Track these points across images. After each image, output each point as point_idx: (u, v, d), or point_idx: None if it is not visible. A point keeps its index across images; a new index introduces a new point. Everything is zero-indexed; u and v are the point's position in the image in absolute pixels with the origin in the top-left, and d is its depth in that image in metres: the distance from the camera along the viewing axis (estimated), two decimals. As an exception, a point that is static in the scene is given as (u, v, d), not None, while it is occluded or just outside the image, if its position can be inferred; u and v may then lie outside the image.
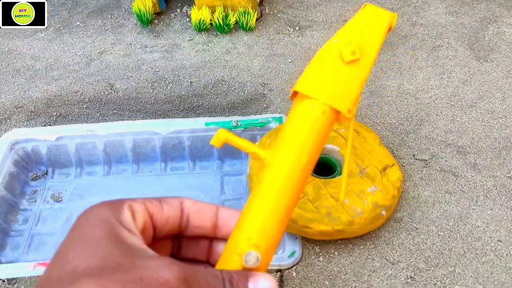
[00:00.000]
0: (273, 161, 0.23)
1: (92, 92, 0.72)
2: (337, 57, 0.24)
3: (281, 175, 0.23)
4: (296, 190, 0.23)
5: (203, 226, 0.24)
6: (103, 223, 0.20)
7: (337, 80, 0.23)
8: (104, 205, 0.21)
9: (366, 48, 0.24)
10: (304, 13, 0.87)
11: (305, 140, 0.23)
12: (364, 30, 0.24)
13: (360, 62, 0.24)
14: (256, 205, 0.23)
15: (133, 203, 0.22)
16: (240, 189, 0.59)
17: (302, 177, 0.23)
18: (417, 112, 0.67)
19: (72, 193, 0.60)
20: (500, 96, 0.69)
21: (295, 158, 0.23)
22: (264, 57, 0.77)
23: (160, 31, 0.84)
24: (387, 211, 0.51)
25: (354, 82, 0.24)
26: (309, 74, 0.24)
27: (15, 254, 0.54)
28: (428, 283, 0.49)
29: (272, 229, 0.22)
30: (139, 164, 0.63)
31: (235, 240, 0.22)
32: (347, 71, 0.23)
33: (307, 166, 0.23)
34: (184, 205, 0.24)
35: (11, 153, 0.59)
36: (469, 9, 0.87)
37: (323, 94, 0.23)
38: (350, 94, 0.24)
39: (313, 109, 0.23)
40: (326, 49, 0.24)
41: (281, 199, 0.23)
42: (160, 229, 0.23)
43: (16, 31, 0.85)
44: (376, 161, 0.53)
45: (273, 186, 0.23)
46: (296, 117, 0.24)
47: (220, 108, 0.70)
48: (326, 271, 0.50)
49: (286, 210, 0.23)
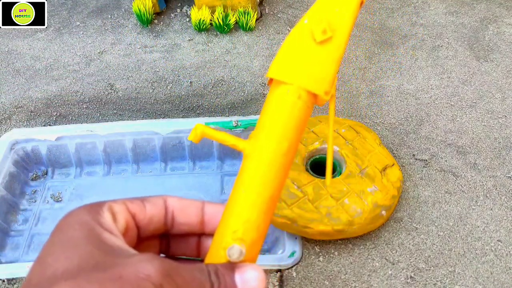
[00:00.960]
0: (252, 151, 0.23)
1: (92, 92, 0.72)
2: (308, 38, 0.23)
3: (262, 165, 0.22)
4: (279, 179, 0.22)
5: (190, 223, 0.24)
6: (82, 226, 0.20)
7: (310, 62, 0.23)
8: (84, 208, 0.21)
9: (338, 26, 0.23)
10: (304, 13, 0.87)
11: (284, 126, 0.22)
12: (334, 7, 0.23)
13: (333, 41, 0.23)
14: (239, 197, 0.23)
15: (114, 204, 0.22)
16: (240, 189, 0.59)
17: (284, 164, 0.22)
18: (417, 112, 0.67)
19: (72, 193, 0.60)
20: (500, 96, 0.69)
21: (275, 146, 0.22)
22: (264, 57, 0.77)
23: (160, 31, 0.84)
24: (387, 211, 0.51)
25: (329, 62, 0.23)
26: (281, 58, 0.23)
27: (15, 254, 0.54)
28: (428, 283, 0.49)
29: (257, 221, 0.22)
30: (139, 164, 0.63)
31: (220, 234, 0.22)
32: (320, 51, 0.23)
33: (288, 153, 0.23)
34: (168, 203, 0.23)
35: (11, 153, 0.59)
36: (469, 9, 0.87)
37: (297, 78, 0.22)
38: (325, 75, 0.23)
39: (288, 94, 0.22)
40: (297, 30, 0.23)
41: (264, 189, 0.22)
42: (144, 228, 0.23)
43: (16, 31, 0.85)
44: (376, 161, 0.53)
45: (254, 177, 0.22)
46: (273, 104, 0.23)
47: (220, 108, 0.70)
48: (326, 271, 0.50)
49: (270, 200, 0.22)
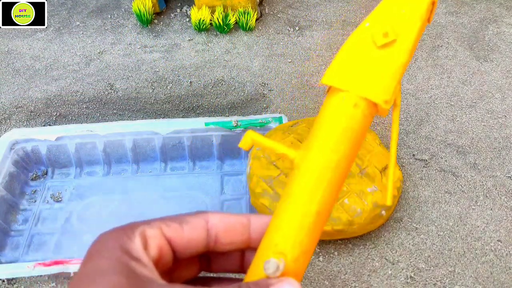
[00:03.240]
0: (302, 162, 0.21)
1: (92, 92, 0.72)
2: (369, 42, 0.21)
3: (310, 177, 0.21)
4: (328, 194, 0.21)
5: (235, 242, 0.22)
6: (110, 253, 0.19)
7: (369, 67, 0.21)
8: (114, 233, 0.20)
9: (403, 28, 0.21)
10: (304, 13, 0.87)
11: (337, 137, 0.20)
12: (400, 8, 0.21)
13: (396, 45, 0.21)
14: (284, 209, 0.21)
15: (147, 228, 0.20)
16: (240, 189, 0.59)
17: (335, 178, 0.21)
18: (417, 112, 0.67)
19: (72, 193, 0.60)
20: (500, 96, 0.69)
21: (326, 158, 0.20)
22: (264, 57, 0.77)
23: (160, 31, 0.84)
24: (387, 211, 0.51)
25: (390, 68, 0.21)
26: (338, 63, 0.21)
27: (15, 254, 0.54)
28: (428, 283, 0.49)
29: (300, 236, 0.20)
30: (139, 164, 0.63)
31: (263, 248, 0.21)
32: (381, 56, 0.21)
33: (341, 166, 0.21)
34: (210, 224, 0.21)
35: (11, 153, 0.59)
36: (469, 9, 0.87)
37: (353, 85, 0.21)
38: (386, 83, 0.21)
39: (343, 102, 0.21)
40: (357, 34, 0.21)
41: (310, 204, 0.20)
42: (181, 252, 0.21)
43: (16, 31, 0.85)
44: (376, 161, 0.53)
45: (301, 189, 0.21)
46: (327, 112, 0.21)
47: (220, 108, 0.70)
48: (326, 271, 0.50)
49: (316, 215, 0.20)
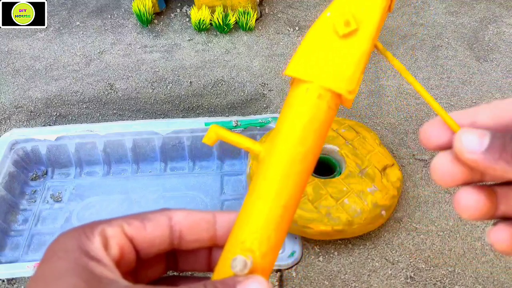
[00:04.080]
0: (267, 156, 0.21)
1: (92, 92, 0.72)
2: (330, 32, 0.20)
3: (276, 171, 0.20)
4: (296, 187, 0.20)
5: (200, 239, 0.21)
6: (68, 254, 0.18)
7: (332, 58, 0.20)
8: (72, 233, 0.19)
9: (365, 17, 0.20)
10: (304, 13, 0.87)
11: (301, 129, 0.20)
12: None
13: (358, 34, 0.20)
14: (250, 205, 0.20)
15: (107, 227, 0.20)
16: (240, 189, 0.59)
17: (301, 171, 0.20)
18: (417, 112, 0.67)
19: (71, 193, 0.60)
20: (500, 96, 0.69)
21: (292, 150, 0.20)
22: (264, 57, 0.77)
23: (160, 31, 0.84)
24: (386, 211, 0.51)
25: (353, 58, 0.20)
26: (300, 54, 0.21)
27: (15, 254, 0.54)
28: (428, 283, 0.48)
29: (268, 231, 0.20)
30: (139, 164, 0.63)
31: (230, 244, 0.20)
32: (343, 46, 0.20)
33: (307, 159, 0.20)
34: (174, 220, 0.21)
35: (11, 153, 0.59)
36: (469, 9, 0.87)
37: (316, 75, 0.20)
38: (350, 73, 0.20)
39: (307, 93, 0.20)
40: (318, 24, 0.21)
41: (276, 197, 0.20)
42: (145, 251, 0.21)
43: (16, 31, 0.85)
44: (376, 161, 0.53)
45: (267, 183, 0.20)
46: (291, 105, 0.21)
47: (220, 108, 0.70)
48: (326, 271, 0.50)
49: (284, 209, 0.20)
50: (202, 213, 0.22)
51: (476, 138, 0.19)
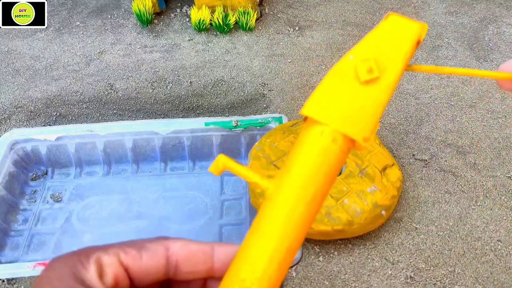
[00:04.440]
0: (275, 194, 0.20)
1: (92, 92, 0.72)
2: (351, 76, 0.21)
3: (282, 211, 0.20)
4: (300, 229, 0.20)
5: (196, 271, 0.21)
6: (62, 283, 0.18)
7: (351, 103, 0.20)
8: (67, 259, 0.19)
9: (387, 66, 0.20)
10: (304, 13, 0.87)
11: (312, 171, 0.20)
12: (385, 44, 0.21)
13: (380, 82, 0.20)
14: (253, 242, 0.20)
15: (103, 255, 0.19)
16: (239, 189, 0.59)
17: (308, 213, 0.20)
18: (417, 112, 0.67)
19: (71, 193, 0.60)
20: (499, 96, 0.69)
21: (300, 191, 0.20)
22: (264, 57, 0.77)
23: (160, 31, 0.84)
24: (386, 211, 0.51)
25: (372, 105, 0.20)
26: (319, 95, 0.21)
27: (15, 254, 0.54)
28: (428, 283, 0.48)
29: (269, 272, 0.19)
30: (139, 164, 0.63)
31: (228, 280, 0.20)
32: (363, 92, 0.20)
33: (314, 201, 0.20)
34: (171, 251, 0.21)
35: (11, 153, 0.59)
36: (469, 9, 0.87)
37: (334, 119, 0.20)
38: (366, 120, 0.20)
39: (322, 136, 0.20)
40: (340, 66, 0.21)
41: (282, 239, 0.20)
42: (140, 280, 0.20)
43: (16, 31, 0.85)
44: (376, 161, 0.53)
45: (272, 223, 0.20)
46: (303, 145, 0.20)
47: (220, 108, 0.70)
48: (326, 271, 0.50)
49: (287, 251, 0.20)
50: (200, 244, 0.21)
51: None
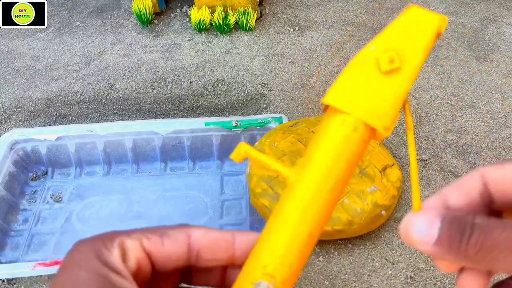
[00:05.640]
0: (296, 182, 0.21)
1: (92, 92, 0.72)
2: (373, 66, 0.21)
3: (304, 198, 0.20)
4: (322, 216, 0.20)
5: (217, 258, 0.21)
6: (88, 264, 0.18)
7: (372, 92, 0.21)
8: (92, 242, 0.19)
9: (408, 56, 0.21)
10: (304, 13, 0.87)
11: (334, 159, 0.20)
12: (406, 35, 0.21)
13: (401, 72, 0.21)
14: (274, 229, 0.21)
15: (126, 239, 0.20)
16: (240, 189, 0.59)
17: (329, 201, 0.21)
18: (417, 112, 0.67)
19: (72, 193, 0.60)
20: (500, 96, 0.69)
21: (322, 179, 0.20)
22: (264, 57, 0.77)
23: (160, 31, 0.84)
24: (387, 211, 0.50)
25: (393, 95, 0.21)
26: (341, 84, 0.21)
27: (15, 254, 0.54)
28: (428, 283, 0.48)
29: (291, 257, 0.20)
30: (139, 164, 0.63)
31: (250, 267, 0.20)
32: (384, 82, 0.21)
33: (335, 189, 0.21)
34: (192, 238, 0.21)
35: (11, 153, 0.59)
36: (469, 9, 0.87)
37: (355, 108, 0.21)
38: (387, 109, 0.21)
39: (343, 124, 0.21)
40: (361, 56, 0.21)
41: (303, 224, 0.20)
42: (161, 266, 0.21)
43: (16, 31, 0.85)
44: (376, 161, 0.53)
45: (294, 210, 0.20)
46: (325, 133, 0.21)
47: (220, 108, 0.70)
48: (326, 271, 0.50)
49: (308, 237, 0.20)
50: (221, 232, 0.22)
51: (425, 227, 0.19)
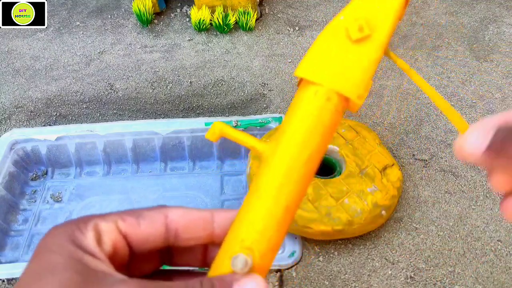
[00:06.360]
0: (271, 156, 0.20)
1: (92, 92, 0.72)
2: (343, 36, 0.21)
3: (279, 172, 0.20)
4: (298, 188, 0.20)
5: (196, 237, 0.21)
6: (62, 248, 0.18)
7: (344, 62, 0.20)
8: (66, 227, 0.19)
9: (378, 23, 0.21)
10: (304, 13, 0.87)
11: (308, 131, 0.20)
12: (375, 3, 0.21)
13: (371, 40, 0.21)
14: (251, 204, 0.20)
15: (101, 222, 0.19)
16: (240, 189, 0.59)
17: (304, 173, 0.20)
18: (417, 112, 0.67)
19: (72, 193, 0.60)
20: (500, 96, 0.69)
21: (296, 152, 0.20)
22: (264, 57, 0.77)
23: (160, 31, 0.84)
24: (387, 211, 0.50)
25: (365, 63, 0.20)
26: (312, 56, 0.21)
27: (15, 254, 0.54)
28: (428, 283, 0.48)
29: (268, 231, 0.20)
30: (139, 164, 0.63)
31: (228, 242, 0.20)
32: (355, 51, 0.21)
33: (311, 161, 0.20)
34: (170, 219, 0.20)
35: (11, 153, 0.59)
36: (469, 9, 0.87)
37: (327, 79, 0.20)
38: (359, 78, 0.20)
39: (316, 95, 0.20)
40: (331, 27, 0.21)
41: (279, 198, 0.20)
42: (139, 247, 0.20)
43: (16, 31, 0.85)
44: (376, 161, 0.53)
45: (270, 184, 0.20)
46: (298, 105, 0.21)
47: (220, 108, 0.70)
48: (326, 271, 0.50)
49: (285, 210, 0.20)
50: (199, 211, 0.21)
51: (480, 138, 0.18)
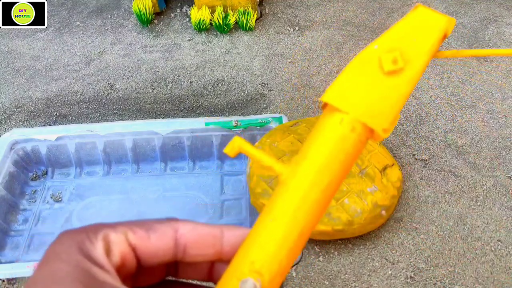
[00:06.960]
0: (289, 179, 0.20)
1: (92, 92, 0.72)
2: (375, 66, 0.20)
3: (296, 196, 0.20)
4: (313, 215, 0.20)
5: (205, 254, 0.21)
6: (70, 257, 0.17)
7: (373, 93, 0.20)
8: (75, 234, 0.18)
9: (412, 57, 0.20)
10: (304, 13, 0.87)
11: (329, 159, 0.20)
12: (411, 36, 0.21)
13: (404, 73, 0.20)
14: (265, 226, 0.20)
15: (111, 232, 0.19)
16: (240, 189, 0.59)
17: (322, 200, 0.20)
18: (417, 112, 0.67)
19: (72, 193, 0.60)
20: (500, 96, 0.69)
21: (316, 177, 0.20)
22: (264, 57, 0.77)
23: (160, 31, 0.84)
24: (387, 211, 0.50)
25: (394, 96, 0.20)
26: (341, 83, 0.21)
27: (15, 254, 0.54)
28: (428, 283, 0.48)
29: (279, 256, 0.19)
30: (139, 164, 0.63)
31: (237, 262, 0.20)
32: (386, 83, 0.20)
33: (329, 188, 0.20)
34: (180, 233, 0.20)
35: (11, 153, 0.59)
36: (469, 9, 0.87)
37: (354, 108, 0.20)
38: (387, 111, 0.20)
39: (341, 124, 0.20)
40: (364, 55, 0.21)
41: (294, 224, 0.20)
42: (147, 260, 0.20)
43: (16, 31, 0.85)
44: (376, 161, 0.53)
45: (286, 208, 0.20)
46: (322, 131, 0.20)
47: (220, 108, 0.70)
48: (326, 271, 0.50)
49: (298, 236, 0.20)
50: (209, 227, 0.21)
51: None
